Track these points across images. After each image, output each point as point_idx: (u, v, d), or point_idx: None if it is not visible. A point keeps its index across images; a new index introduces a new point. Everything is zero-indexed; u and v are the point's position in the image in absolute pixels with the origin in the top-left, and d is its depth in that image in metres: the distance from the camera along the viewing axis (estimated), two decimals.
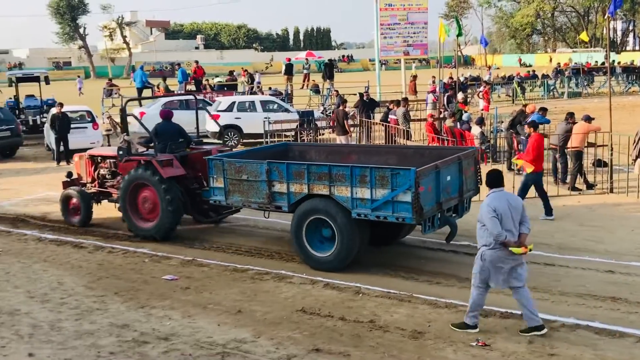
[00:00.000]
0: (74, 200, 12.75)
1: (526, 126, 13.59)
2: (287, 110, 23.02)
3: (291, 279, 9.30)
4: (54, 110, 20.60)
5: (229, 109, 22.72)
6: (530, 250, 7.38)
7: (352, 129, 19.97)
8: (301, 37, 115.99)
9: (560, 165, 15.18)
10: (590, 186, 14.72)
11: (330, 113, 27.27)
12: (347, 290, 8.78)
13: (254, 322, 7.82)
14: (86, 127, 21.03)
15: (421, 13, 28.20)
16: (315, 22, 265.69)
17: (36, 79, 28.02)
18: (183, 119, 23.67)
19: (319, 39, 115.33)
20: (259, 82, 38.98)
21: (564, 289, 8.69)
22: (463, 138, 18.26)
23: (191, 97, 26.13)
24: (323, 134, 22.39)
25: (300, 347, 7.06)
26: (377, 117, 22.38)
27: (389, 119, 19.69)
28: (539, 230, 11.59)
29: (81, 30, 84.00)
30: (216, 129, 22.26)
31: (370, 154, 11.91)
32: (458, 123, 19.17)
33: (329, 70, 34.96)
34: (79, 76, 54.82)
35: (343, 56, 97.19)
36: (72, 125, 20.22)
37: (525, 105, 18.22)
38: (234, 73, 37.93)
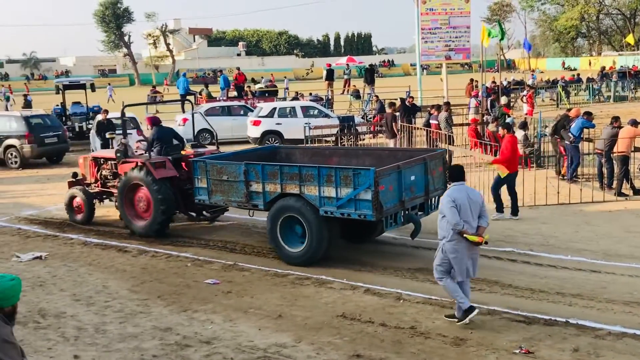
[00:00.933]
0: (78, 199, 13.48)
1: (500, 128, 13.38)
2: (327, 116, 23.06)
3: (331, 284, 9.29)
4: (99, 117, 21.00)
5: (270, 115, 22.86)
6: (486, 242, 7.68)
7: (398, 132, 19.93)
8: (342, 43, 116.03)
9: (606, 171, 14.86)
10: (637, 192, 14.39)
11: (370, 118, 27.24)
12: (388, 296, 8.73)
13: (294, 326, 7.83)
14: (130, 134, 21.35)
15: (463, 17, 27.94)
16: (356, 27, 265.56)
17: (82, 87, 28.65)
18: (225, 125, 24.20)
19: (359, 44, 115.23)
20: (286, 88, 39.17)
21: (611, 296, 8.50)
22: None
23: (233, 104, 26.56)
24: (363, 139, 22.36)
25: (340, 353, 7.04)
26: (419, 122, 22.25)
27: (430, 124, 19.57)
28: (582, 237, 11.38)
29: (126, 38, 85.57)
30: (257, 134, 22.47)
31: (350, 155, 12.45)
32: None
33: (369, 75, 34.92)
34: (109, 84, 55.65)
35: (384, 61, 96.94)
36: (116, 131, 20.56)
37: (569, 110, 17.89)
38: (263, 79, 38.02)
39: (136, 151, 13.23)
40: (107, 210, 14.12)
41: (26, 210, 14.50)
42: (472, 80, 34.79)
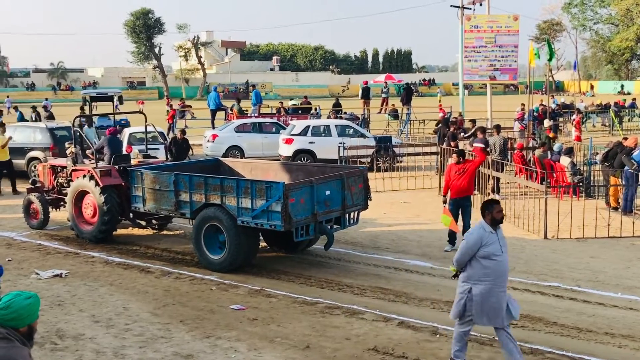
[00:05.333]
0: (34, 204, 14.64)
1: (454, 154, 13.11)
2: (363, 136, 23.05)
3: (363, 314, 9.23)
4: (177, 135, 21.52)
5: (303, 133, 22.92)
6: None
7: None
8: (380, 60, 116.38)
9: None
10: None
11: (409, 139, 27.14)
12: (424, 330, 8.63)
13: (323, 359, 7.77)
14: (158, 149, 21.62)
15: (511, 35, 27.76)
16: (396, 43, 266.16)
17: (110, 99, 29.08)
18: (255, 142, 24.35)
19: (399, 61, 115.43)
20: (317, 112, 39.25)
21: None
22: (553, 170, 17.83)
23: (264, 120, 26.76)
24: (401, 162, 22.28)
25: None
26: (460, 144, 22.08)
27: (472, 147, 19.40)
28: (634, 273, 11.14)
29: (156, 50, 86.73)
30: (289, 153, 22.53)
31: (286, 170, 13.39)
32: (549, 153, 18.71)
33: (407, 94, 34.88)
34: (141, 102, 56.03)
35: (424, 80, 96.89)
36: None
37: (625, 138, 17.55)
38: (288, 103, 37.99)
39: (91, 161, 14.27)
40: (130, 229, 14.30)
41: (48, 226, 14.72)
42: (523, 108, 34.43)
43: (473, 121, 22.76)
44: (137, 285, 10.73)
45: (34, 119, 31.40)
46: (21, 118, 33.10)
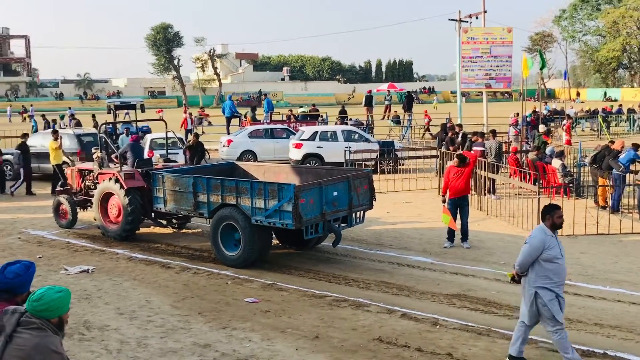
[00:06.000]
0: (63, 205, 14.71)
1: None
2: (367, 140, 23.03)
3: (368, 307, 9.21)
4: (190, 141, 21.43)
5: (312, 138, 22.92)
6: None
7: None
8: (383, 69, 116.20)
9: None
10: None
11: (411, 144, 27.10)
12: (425, 321, 8.61)
13: (331, 348, 7.77)
14: (177, 154, 21.67)
15: (505, 47, 27.70)
16: (398, 54, 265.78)
17: (132, 107, 29.18)
18: (267, 147, 24.38)
19: (400, 71, 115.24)
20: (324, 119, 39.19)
21: None
22: (545, 171, 17.77)
23: (276, 127, 26.79)
24: (403, 164, 22.27)
25: None
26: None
27: (472, 152, 19.32)
28: (622, 268, 11.08)
29: (175, 62, 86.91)
30: (298, 157, 22.56)
31: (296, 173, 13.44)
32: (540, 156, 18.65)
33: (408, 101, 34.84)
34: (160, 111, 55.82)
35: (424, 88, 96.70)
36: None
37: (612, 142, 17.50)
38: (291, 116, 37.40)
39: (116, 165, 14.34)
40: (151, 228, 14.34)
41: (76, 225, 14.78)
42: (517, 115, 34.30)
43: (459, 126, 22.71)
44: (158, 280, 10.75)
45: (62, 126, 31.49)
46: (36, 128, 33.14)
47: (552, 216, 7.08)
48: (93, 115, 32.64)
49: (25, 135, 20.60)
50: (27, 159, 19.89)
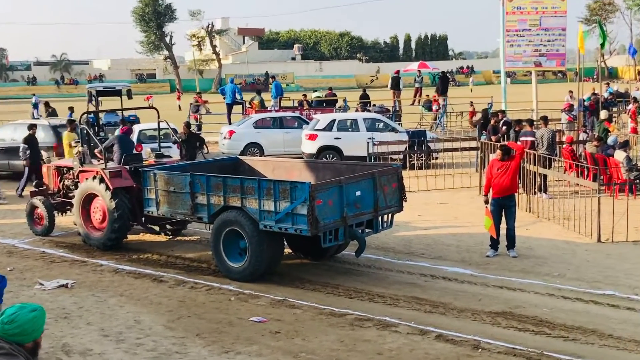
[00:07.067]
0: (39, 209, 14.71)
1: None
2: (394, 130, 23.00)
3: (397, 327, 9.21)
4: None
5: (328, 128, 22.90)
6: None
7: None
8: (413, 46, 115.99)
9: None
10: None
11: (446, 134, 27.02)
12: (464, 344, 8.60)
13: None
14: (171, 147, 21.77)
15: (558, 17, 27.46)
16: (430, 28, 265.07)
17: (117, 93, 29.25)
18: (276, 138, 24.41)
19: (433, 47, 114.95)
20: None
21: None
22: (607, 165, 17.65)
23: (285, 115, 26.84)
24: (437, 158, 22.22)
25: None
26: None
27: (519, 142, 19.23)
28: None
29: (167, 39, 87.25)
30: (312, 150, 22.54)
31: (311, 169, 13.49)
32: (600, 148, 18.51)
33: (442, 83, 34.75)
34: (149, 97, 55.99)
35: (461, 67, 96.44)
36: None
37: None
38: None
39: (100, 161, 14.28)
40: (142, 235, 14.41)
41: (53, 232, 14.86)
42: (572, 96, 34.02)
43: (503, 112, 22.49)
44: (149, 296, 10.81)
45: (35, 116, 31.70)
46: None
47: None
48: (70, 108, 32.73)
49: (33, 127, 20.73)
50: (35, 154, 19.79)
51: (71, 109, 31.11)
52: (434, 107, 34.29)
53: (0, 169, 22.16)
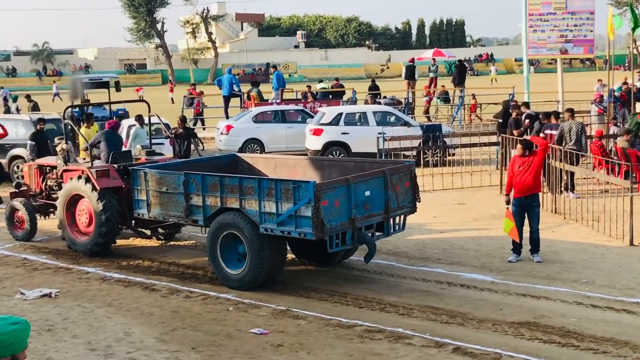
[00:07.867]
0: (19, 212, 14.78)
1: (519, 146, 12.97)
2: (407, 124, 22.98)
3: (410, 339, 9.21)
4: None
5: (335, 122, 22.90)
6: None
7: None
8: (427, 32, 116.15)
9: None
10: None
11: (463, 128, 27.00)
12: (484, 357, 8.59)
13: None
14: (163, 143, 21.79)
15: (586, 0, 27.49)
16: (445, 12, 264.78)
17: (105, 85, 29.33)
18: (278, 133, 24.43)
19: (449, 33, 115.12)
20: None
21: None
22: (639, 162, 17.62)
23: (288, 108, 26.84)
24: (453, 155, 22.20)
25: None
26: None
27: (543, 135, 19.21)
28: None
29: (159, 26, 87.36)
30: (317, 146, 22.54)
31: (316, 167, 13.49)
32: (633, 142, 18.48)
33: (459, 73, 34.73)
34: (139, 89, 56.00)
35: (480, 55, 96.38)
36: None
37: None
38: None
39: (86, 159, 14.36)
40: (131, 240, 14.44)
41: (35, 237, 14.90)
42: (601, 81, 33.91)
43: (526, 104, 22.44)
44: (140, 306, 10.82)
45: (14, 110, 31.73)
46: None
47: None
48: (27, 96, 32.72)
49: (41, 121, 20.75)
50: (44, 153, 19.76)
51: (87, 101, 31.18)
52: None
53: None
